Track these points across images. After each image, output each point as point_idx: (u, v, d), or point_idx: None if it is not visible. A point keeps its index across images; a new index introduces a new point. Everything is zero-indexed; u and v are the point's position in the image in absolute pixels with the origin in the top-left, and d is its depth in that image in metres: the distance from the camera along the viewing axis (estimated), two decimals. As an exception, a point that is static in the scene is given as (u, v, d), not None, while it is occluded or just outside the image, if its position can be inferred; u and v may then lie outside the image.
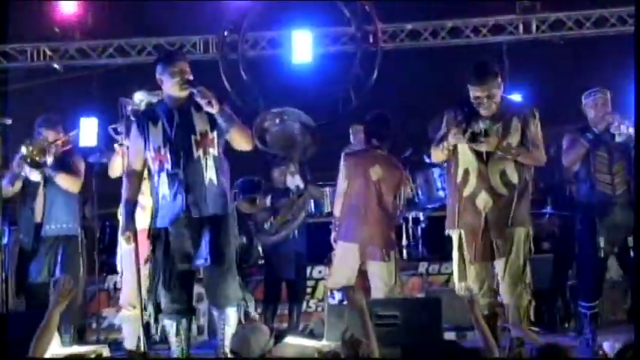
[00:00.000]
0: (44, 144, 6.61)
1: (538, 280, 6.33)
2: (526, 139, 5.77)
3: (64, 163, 6.79)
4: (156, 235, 5.48)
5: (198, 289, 5.80)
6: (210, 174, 5.38)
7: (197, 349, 6.20)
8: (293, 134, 7.82)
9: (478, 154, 5.76)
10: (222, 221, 5.41)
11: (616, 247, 6.53)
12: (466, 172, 5.81)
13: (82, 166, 6.93)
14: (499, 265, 5.74)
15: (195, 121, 5.41)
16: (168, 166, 5.40)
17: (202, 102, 5.32)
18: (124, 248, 6.11)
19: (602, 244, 6.41)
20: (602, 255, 6.49)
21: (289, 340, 5.32)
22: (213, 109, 5.33)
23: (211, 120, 5.40)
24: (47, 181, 6.75)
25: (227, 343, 5.31)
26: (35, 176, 6.65)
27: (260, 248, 8.12)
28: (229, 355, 5.22)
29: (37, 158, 6.56)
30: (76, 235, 6.77)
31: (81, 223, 7.67)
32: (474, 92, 5.74)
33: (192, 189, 5.36)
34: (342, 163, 6.86)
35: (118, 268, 6.48)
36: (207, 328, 7.66)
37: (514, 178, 5.75)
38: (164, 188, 5.42)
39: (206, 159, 5.39)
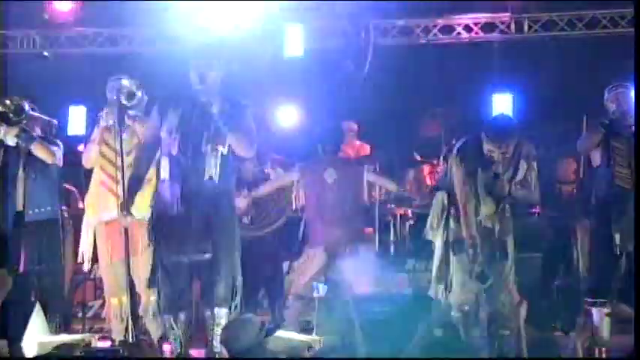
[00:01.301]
0: (22, 101, 6.45)
1: (527, 281, 6.35)
2: (527, 181, 5.77)
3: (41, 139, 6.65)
4: (154, 223, 5.45)
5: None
6: (211, 171, 5.36)
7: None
8: None
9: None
10: (220, 220, 5.38)
11: (630, 244, 6.46)
12: None
13: (60, 147, 6.75)
14: None
15: (212, 118, 5.40)
16: (173, 150, 5.38)
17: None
18: (99, 238, 6.12)
19: (617, 241, 6.37)
20: (617, 252, 6.44)
21: (279, 333, 5.30)
22: (214, 109, 5.35)
23: (227, 119, 5.39)
24: (26, 164, 6.60)
25: (216, 343, 5.30)
26: (11, 139, 6.44)
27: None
28: (218, 354, 5.22)
29: (13, 115, 6.38)
30: (57, 218, 6.65)
31: (68, 211, 7.66)
32: (488, 146, 5.69)
33: (189, 181, 5.34)
34: (293, 172, 7.14)
35: (85, 258, 6.42)
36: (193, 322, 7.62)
37: None
38: (164, 172, 5.41)
39: (213, 156, 5.36)
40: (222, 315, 5.33)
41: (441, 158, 6.96)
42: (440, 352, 3.96)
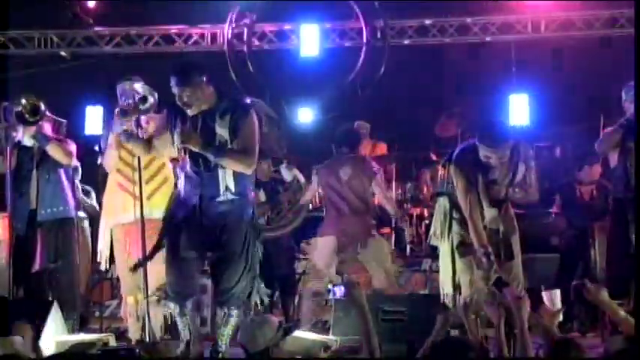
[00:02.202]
0: (38, 103, 6.46)
1: (544, 280, 6.33)
2: (525, 181, 5.75)
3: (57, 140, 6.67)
4: (168, 223, 5.46)
5: (204, 280, 5.79)
6: (228, 182, 5.35)
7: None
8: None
9: None
10: (235, 223, 5.37)
11: None
12: None
13: (73, 147, 6.77)
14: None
15: (217, 129, 5.37)
16: (188, 166, 5.39)
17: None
18: (116, 237, 6.15)
19: (634, 242, 6.35)
20: (634, 252, 6.39)
21: (296, 333, 5.30)
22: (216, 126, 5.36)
23: (232, 129, 5.37)
24: (39, 164, 6.61)
25: (221, 343, 5.30)
26: (28, 139, 6.46)
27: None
28: (222, 354, 5.24)
29: (29, 116, 6.39)
30: (71, 217, 6.66)
31: (85, 211, 7.69)
32: (485, 152, 5.63)
33: (209, 198, 5.33)
34: (313, 176, 7.22)
35: (102, 258, 6.46)
36: (209, 321, 7.62)
37: None
38: (183, 184, 5.43)
39: (225, 168, 5.36)
40: (233, 315, 5.34)
41: (441, 165, 6.95)
42: (453, 352, 3.94)
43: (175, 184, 5.77)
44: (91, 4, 10.56)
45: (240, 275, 5.35)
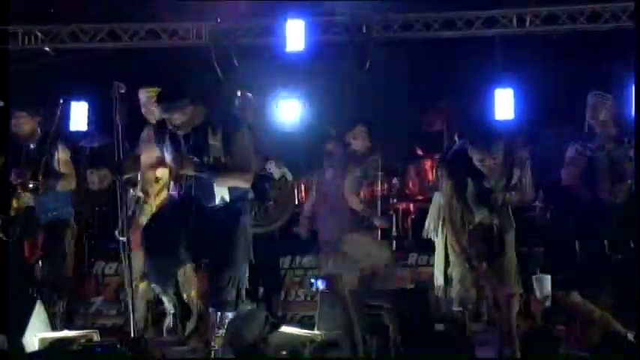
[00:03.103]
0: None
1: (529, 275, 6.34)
2: (520, 184, 5.74)
3: None
4: (155, 225, 5.49)
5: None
6: (222, 193, 5.37)
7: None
8: None
9: None
10: (227, 225, 5.39)
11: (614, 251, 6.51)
12: None
13: None
14: None
15: (210, 142, 5.39)
16: (179, 177, 5.41)
17: None
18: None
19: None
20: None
21: (282, 328, 5.30)
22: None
23: (226, 144, 5.38)
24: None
25: (214, 343, 5.31)
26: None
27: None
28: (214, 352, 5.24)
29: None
30: (67, 218, 6.71)
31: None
32: (477, 155, 5.66)
33: (203, 207, 5.36)
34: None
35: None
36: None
37: None
38: (176, 188, 5.45)
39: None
40: (227, 317, 5.35)
41: (437, 164, 7.00)
42: (440, 346, 3.95)
43: (168, 188, 5.78)
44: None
45: (234, 279, 5.38)
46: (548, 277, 6.21)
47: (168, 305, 5.53)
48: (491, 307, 5.84)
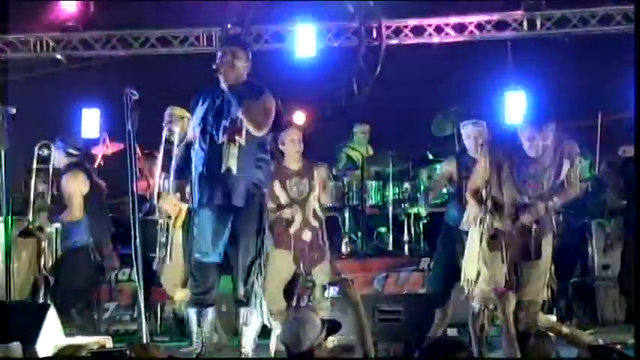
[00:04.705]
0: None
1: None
2: (569, 180, 5.64)
3: None
4: (189, 217, 5.50)
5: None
6: (230, 162, 5.29)
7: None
8: None
9: None
10: (240, 214, 5.34)
11: None
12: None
13: None
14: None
15: (232, 107, 5.36)
16: (196, 145, 5.40)
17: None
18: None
19: None
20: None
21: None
22: (223, 83, 5.32)
23: (242, 101, 5.35)
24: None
25: (244, 343, 5.29)
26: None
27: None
28: (249, 355, 5.22)
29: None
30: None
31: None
32: (529, 132, 5.47)
33: (209, 174, 5.33)
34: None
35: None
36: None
37: None
38: (193, 166, 5.45)
39: (230, 147, 5.32)
40: (245, 315, 5.33)
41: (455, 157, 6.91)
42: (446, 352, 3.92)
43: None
44: (69, 6, 10.55)
45: (249, 270, 5.33)
46: None
47: (197, 342, 5.43)
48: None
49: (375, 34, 10.61)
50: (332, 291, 6.54)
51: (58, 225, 6.60)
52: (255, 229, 5.40)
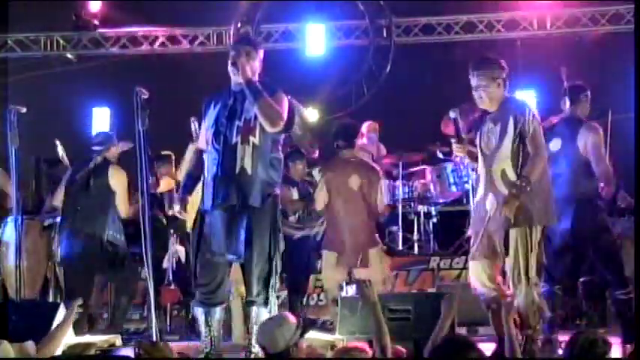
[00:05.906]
0: None
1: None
2: (524, 143, 5.56)
3: None
4: (198, 218, 5.50)
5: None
6: (245, 162, 5.28)
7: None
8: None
9: (483, 155, 5.67)
10: (255, 214, 5.34)
11: None
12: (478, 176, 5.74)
13: None
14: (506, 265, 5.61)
15: (245, 108, 5.37)
16: (209, 147, 5.40)
17: (230, 69, 5.34)
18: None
19: None
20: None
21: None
22: (240, 78, 5.32)
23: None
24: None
25: (254, 342, 5.30)
26: None
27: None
28: (259, 355, 5.21)
29: None
30: None
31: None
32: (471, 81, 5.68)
33: (223, 175, 5.32)
34: (320, 181, 7.00)
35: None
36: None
37: (512, 176, 5.49)
38: (206, 169, 5.44)
39: (244, 147, 5.32)
40: (258, 313, 5.33)
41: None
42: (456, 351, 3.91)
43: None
44: (95, 6, 10.59)
45: (264, 269, 5.34)
46: None
47: (205, 340, 5.44)
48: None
49: (384, 33, 10.62)
50: (350, 290, 6.55)
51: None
52: (270, 229, 5.41)
